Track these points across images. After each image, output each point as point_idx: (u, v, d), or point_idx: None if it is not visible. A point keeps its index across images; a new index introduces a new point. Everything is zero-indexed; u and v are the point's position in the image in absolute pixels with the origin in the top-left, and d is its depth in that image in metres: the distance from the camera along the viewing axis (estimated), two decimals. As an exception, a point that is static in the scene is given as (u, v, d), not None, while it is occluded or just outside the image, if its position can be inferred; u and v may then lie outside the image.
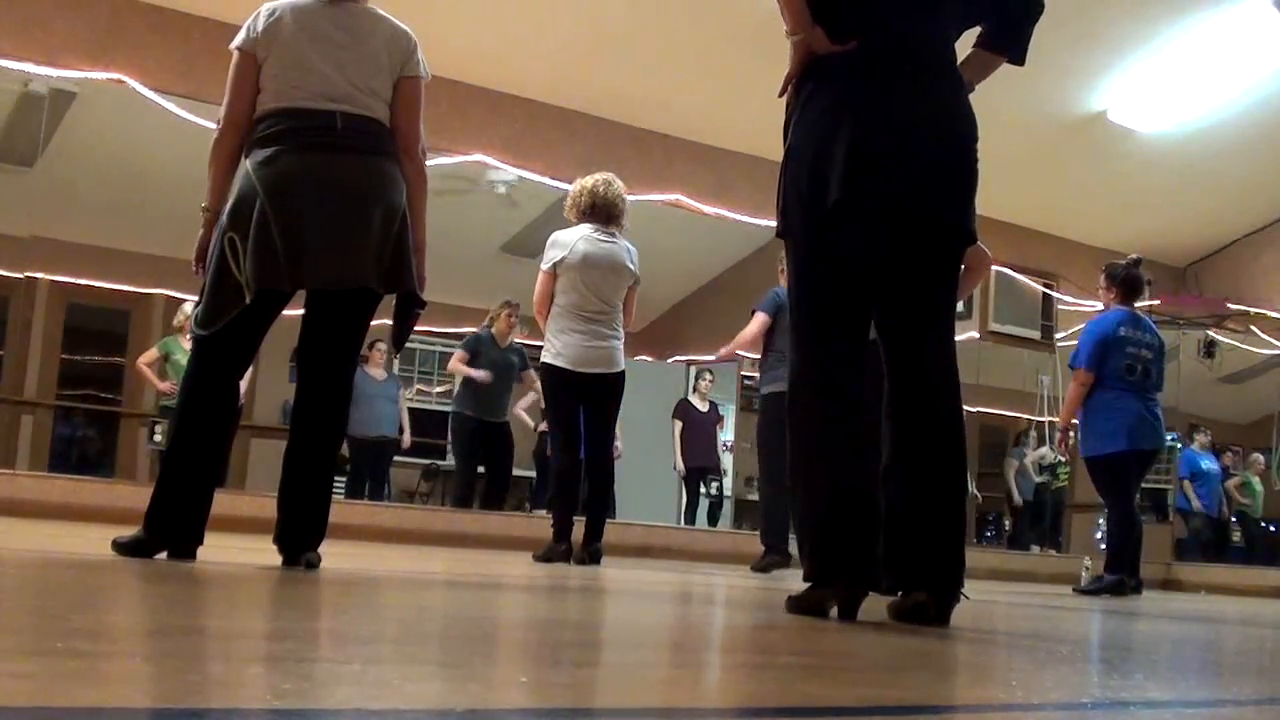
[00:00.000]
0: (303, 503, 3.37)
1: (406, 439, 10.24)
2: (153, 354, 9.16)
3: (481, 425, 8.84)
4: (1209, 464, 12.68)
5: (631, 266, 5.92)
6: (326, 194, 3.27)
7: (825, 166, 2.67)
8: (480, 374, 8.66)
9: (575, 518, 5.97)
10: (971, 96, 2.88)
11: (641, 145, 10.29)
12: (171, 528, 3.33)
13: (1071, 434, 7.14)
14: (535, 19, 8.86)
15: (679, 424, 11.14)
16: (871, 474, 2.72)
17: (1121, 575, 6.60)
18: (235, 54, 3.39)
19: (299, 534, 3.35)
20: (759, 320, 6.84)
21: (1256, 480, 13.20)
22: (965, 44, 2.95)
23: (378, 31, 3.44)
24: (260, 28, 3.36)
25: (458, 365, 8.80)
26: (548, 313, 5.89)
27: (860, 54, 2.71)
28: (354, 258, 3.29)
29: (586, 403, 5.91)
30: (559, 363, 5.82)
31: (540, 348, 6.03)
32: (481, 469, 9.20)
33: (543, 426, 9.61)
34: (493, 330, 8.81)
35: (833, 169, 2.66)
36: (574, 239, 5.85)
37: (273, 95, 3.34)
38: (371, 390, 9.73)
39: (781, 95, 2.83)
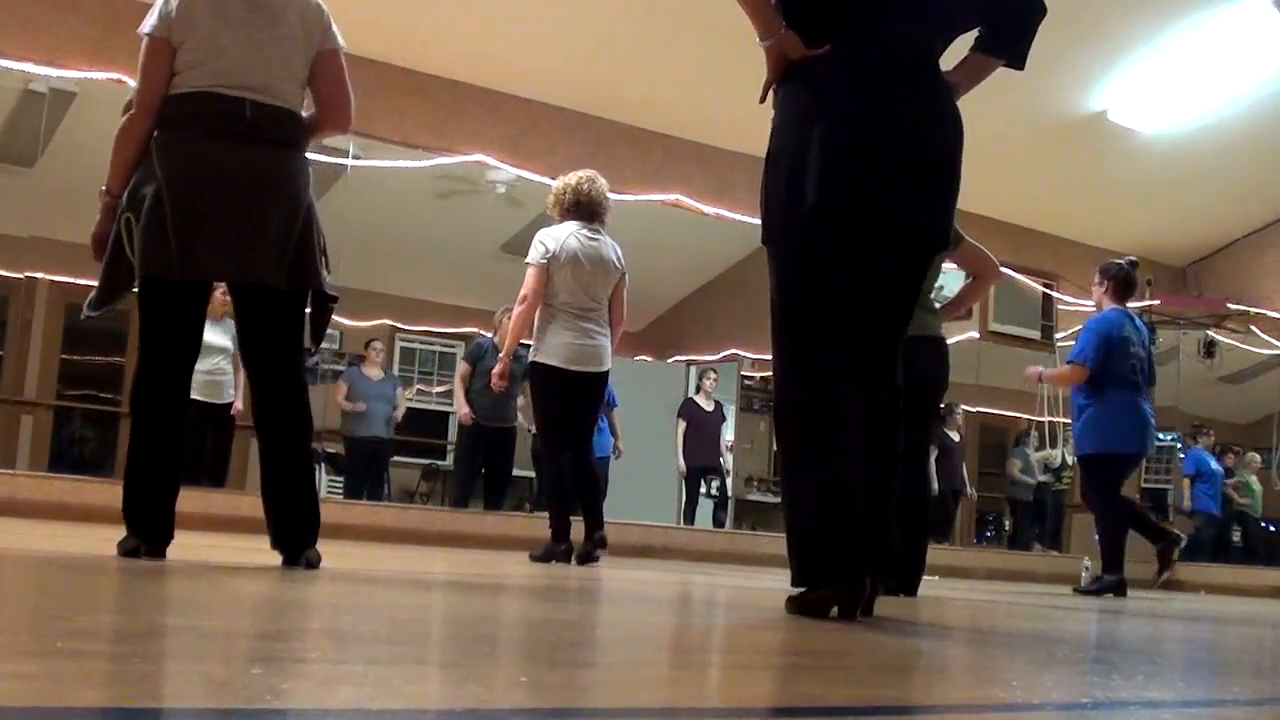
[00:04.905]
0: (289, 501, 3.34)
1: (397, 415, 10.25)
2: None
3: (483, 430, 8.86)
4: (1216, 464, 12.67)
5: (618, 263, 5.90)
6: (227, 184, 3.22)
7: (803, 171, 2.63)
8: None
9: (572, 517, 5.97)
10: (971, 97, 2.84)
11: (641, 145, 10.29)
12: (141, 523, 3.30)
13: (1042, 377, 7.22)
14: (535, 19, 8.86)
15: (683, 424, 11.12)
16: (858, 477, 2.69)
17: (1121, 575, 6.61)
18: (145, 40, 3.28)
19: (294, 532, 3.33)
20: None
21: (1254, 480, 13.19)
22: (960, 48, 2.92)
23: (290, 8, 3.37)
24: (174, 11, 3.27)
25: (460, 388, 8.95)
26: (537, 307, 5.83)
27: (839, 57, 2.66)
28: (251, 252, 3.23)
29: (572, 401, 5.87)
30: (551, 361, 5.75)
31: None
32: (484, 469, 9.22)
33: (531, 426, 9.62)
34: (494, 338, 8.76)
35: (810, 173, 2.62)
36: (564, 235, 5.81)
37: (185, 79, 3.26)
38: (367, 390, 9.73)
39: (762, 102, 2.79)
